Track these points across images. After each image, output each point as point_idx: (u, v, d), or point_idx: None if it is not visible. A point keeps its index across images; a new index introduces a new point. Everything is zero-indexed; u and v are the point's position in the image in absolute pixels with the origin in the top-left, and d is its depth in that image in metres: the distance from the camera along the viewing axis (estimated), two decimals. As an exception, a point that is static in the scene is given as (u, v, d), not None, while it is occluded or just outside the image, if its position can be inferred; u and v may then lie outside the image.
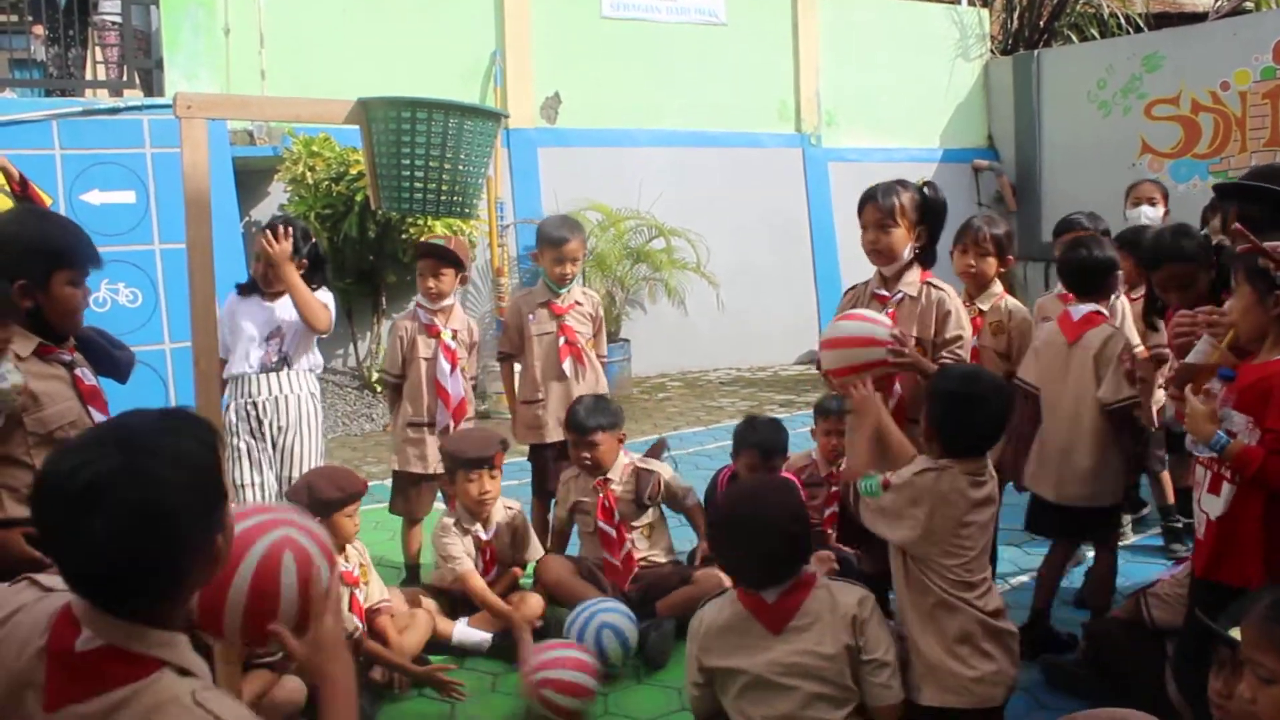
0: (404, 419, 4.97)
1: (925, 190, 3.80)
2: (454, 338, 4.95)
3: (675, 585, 4.44)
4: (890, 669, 2.86)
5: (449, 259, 4.89)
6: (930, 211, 3.80)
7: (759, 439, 4.58)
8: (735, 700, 2.85)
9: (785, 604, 2.82)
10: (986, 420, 3.14)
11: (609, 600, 4.22)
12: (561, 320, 5.02)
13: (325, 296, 4.60)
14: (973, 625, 3.02)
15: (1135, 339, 4.49)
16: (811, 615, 2.81)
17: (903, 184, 3.81)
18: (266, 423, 4.53)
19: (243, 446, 4.50)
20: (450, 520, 4.49)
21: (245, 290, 4.60)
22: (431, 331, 4.93)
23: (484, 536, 4.48)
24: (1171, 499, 5.26)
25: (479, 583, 4.38)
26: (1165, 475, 5.23)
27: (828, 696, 2.76)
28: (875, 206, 3.77)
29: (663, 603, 4.38)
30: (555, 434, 4.98)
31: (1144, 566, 4.97)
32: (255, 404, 4.51)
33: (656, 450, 5.01)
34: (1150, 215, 6.04)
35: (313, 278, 4.58)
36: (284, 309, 4.55)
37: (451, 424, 4.90)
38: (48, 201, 4.96)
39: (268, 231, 4.40)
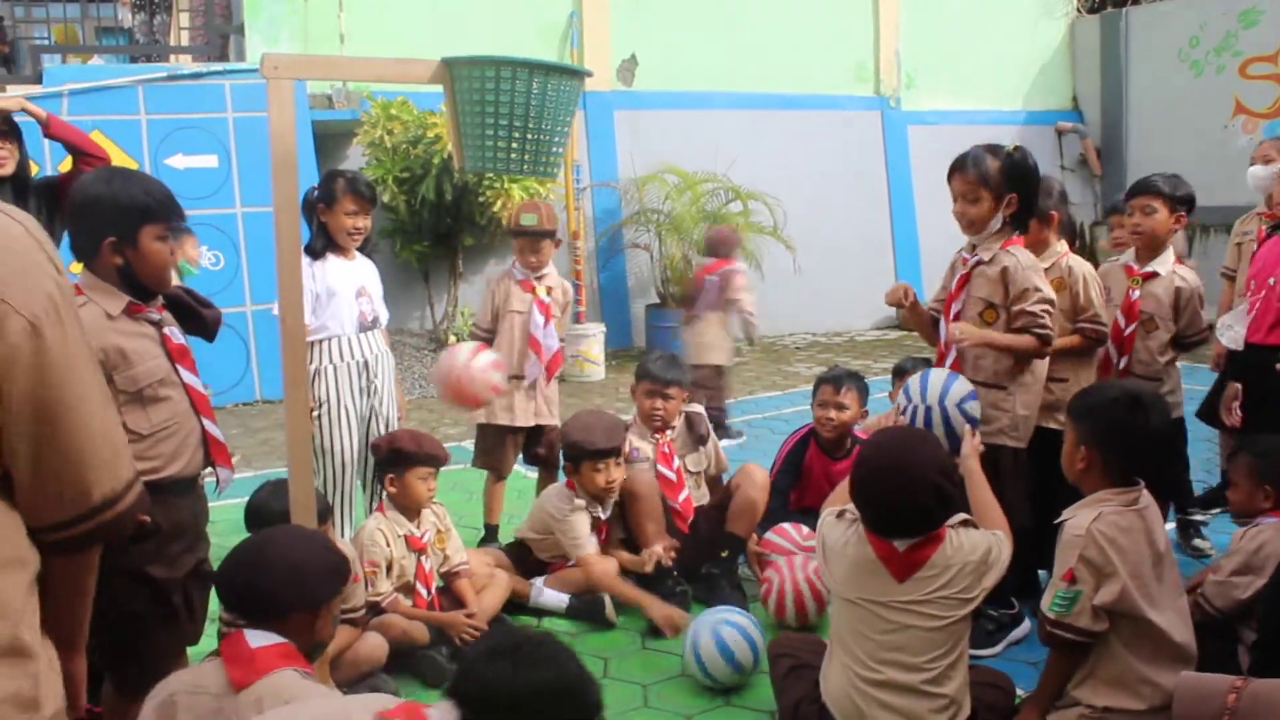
0: (493, 372, 4.95)
1: (1014, 155, 3.70)
2: (549, 293, 4.96)
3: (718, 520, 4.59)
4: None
5: (546, 235, 4.97)
6: (1018, 178, 3.71)
7: (832, 375, 4.77)
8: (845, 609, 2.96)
9: (915, 555, 2.82)
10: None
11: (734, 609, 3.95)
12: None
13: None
14: None
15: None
16: (938, 567, 2.83)
17: (992, 150, 3.72)
18: (377, 382, 4.53)
19: (351, 407, 4.44)
20: (581, 501, 4.42)
21: (316, 253, 4.47)
22: (526, 287, 4.94)
23: (602, 516, 4.51)
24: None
25: (603, 569, 4.33)
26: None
27: (940, 633, 2.82)
28: (961, 177, 3.74)
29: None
30: None
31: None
32: (364, 363, 4.48)
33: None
34: (1260, 175, 5.58)
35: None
36: (361, 267, 4.58)
37: (544, 377, 4.89)
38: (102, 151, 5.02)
39: None
